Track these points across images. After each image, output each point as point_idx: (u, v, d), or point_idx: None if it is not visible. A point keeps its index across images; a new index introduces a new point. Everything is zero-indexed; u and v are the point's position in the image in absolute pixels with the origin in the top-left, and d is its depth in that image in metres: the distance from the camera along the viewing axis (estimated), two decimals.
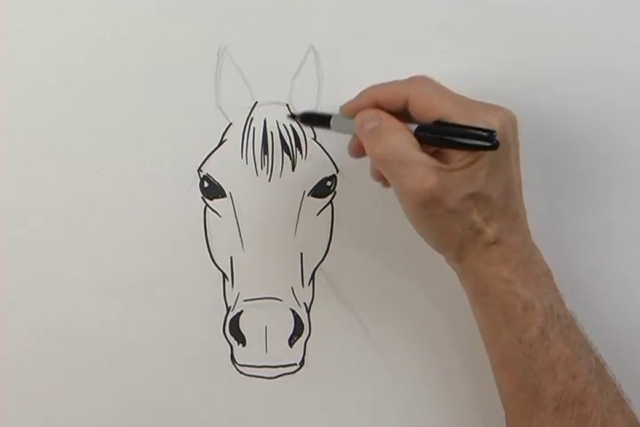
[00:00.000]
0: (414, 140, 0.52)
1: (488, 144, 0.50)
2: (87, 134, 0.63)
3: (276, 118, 0.63)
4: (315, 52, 0.63)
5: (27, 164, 0.63)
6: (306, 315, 0.64)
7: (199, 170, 0.63)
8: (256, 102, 0.63)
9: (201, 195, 0.64)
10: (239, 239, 0.64)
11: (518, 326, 0.53)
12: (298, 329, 0.64)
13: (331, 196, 0.64)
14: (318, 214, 0.64)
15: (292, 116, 0.61)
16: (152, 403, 0.65)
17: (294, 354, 0.64)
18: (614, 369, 0.56)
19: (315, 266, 0.64)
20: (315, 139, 0.64)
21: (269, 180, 0.63)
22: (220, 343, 0.64)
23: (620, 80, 0.63)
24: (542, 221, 0.64)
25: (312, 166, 0.64)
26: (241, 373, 0.65)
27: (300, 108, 0.63)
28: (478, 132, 0.51)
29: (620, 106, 0.63)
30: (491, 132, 0.51)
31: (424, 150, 0.52)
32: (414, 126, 0.53)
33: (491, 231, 0.53)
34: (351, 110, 0.56)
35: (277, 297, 0.64)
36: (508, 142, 0.53)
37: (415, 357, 0.65)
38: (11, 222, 0.63)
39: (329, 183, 0.64)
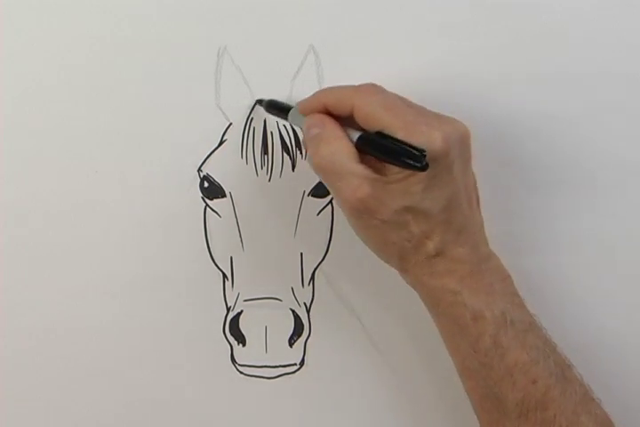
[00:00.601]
0: (353, 150, 0.53)
1: (418, 165, 0.50)
2: (87, 134, 0.63)
3: (277, 119, 0.63)
4: (315, 52, 0.62)
5: (27, 164, 0.63)
6: (306, 315, 0.64)
7: (199, 170, 0.63)
8: (256, 102, 0.63)
9: (201, 195, 0.64)
10: (239, 239, 0.64)
11: (471, 335, 0.54)
12: (298, 329, 0.64)
13: (331, 196, 0.64)
14: (318, 214, 0.64)
15: (259, 102, 0.62)
16: (152, 403, 0.65)
17: (294, 354, 0.64)
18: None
19: (315, 266, 0.64)
20: None
21: (269, 180, 0.63)
22: (220, 343, 0.64)
23: (619, 80, 0.63)
24: (538, 222, 0.64)
25: None
26: (241, 373, 0.65)
27: None
28: (410, 150, 0.50)
29: (619, 106, 0.63)
30: (421, 152, 0.50)
31: (365, 160, 0.53)
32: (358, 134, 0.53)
33: (432, 244, 0.53)
34: (305, 109, 0.57)
35: (277, 297, 0.64)
36: (451, 157, 0.52)
37: (415, 357, 0.65)
38: (11, 222, 0.63)
39: None
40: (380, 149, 0.51)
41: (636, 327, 0.65)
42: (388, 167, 0.52)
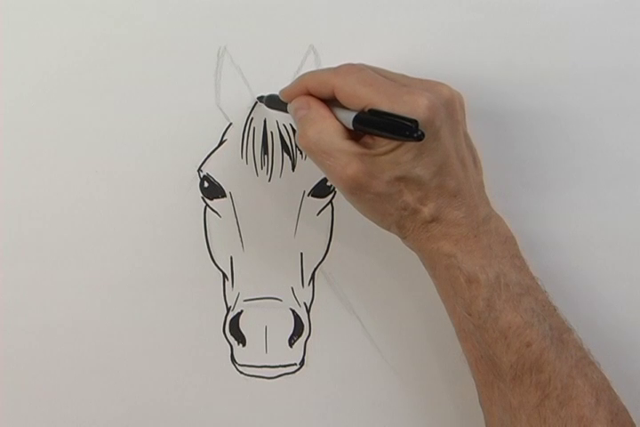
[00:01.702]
0: (340, 128, 0.53)
1: (414, 135, 0.50)
2: (87, 134, 0.63)
3: (276, 118, 0.63)
4: (315, 52, 0.62)
5: (27, 164, 0.63)
6: (306, 315, 0.64)
7: (199, 170, 0.63)
8: (256, 102, 0.63)
9: (201, 195, 0.64)
10: (239, 239, 0.64)
11: (465, 298, 0.54)
12: (298, 329, 0.64)
13: (331, 196, 0.64)
14: (318, 214, 0.64)
15: (260, 98, 0.62)
16: (152, 403, 0.65)
17: (294, 354, 0.64)
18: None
19: (315, 266, 0.64)
20: None
21: (269, 180, 0.63)
22: (220, 343, 0.64)
23: (619, 80, 0.63)
24: (538, 220, 0.64)
25: (312, 166, 0.63)
26: (241, 373, 0.65)
27: None
28: (403, 122, 0.50)
29: (619, 106, 0.63)
30: (414, 122, 0.50)
31: (353, 137, 0.53)
32: (351, 113, 0.53)
33: (427, 210, 0.54)
34: (288, 96, 0.57)
35: (277, 297, 0.64)
36: (437, 123, 0.53)
37: (415, 356, 0.65)
38: (11, 222, 0.63)
39: (329, 183, 0.64)
40: (374, 125, 0.52)
41: (636, 327, 0.65)
42: (377, 141, 0.53)
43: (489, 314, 0.53)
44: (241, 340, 0.64)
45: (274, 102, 0.61)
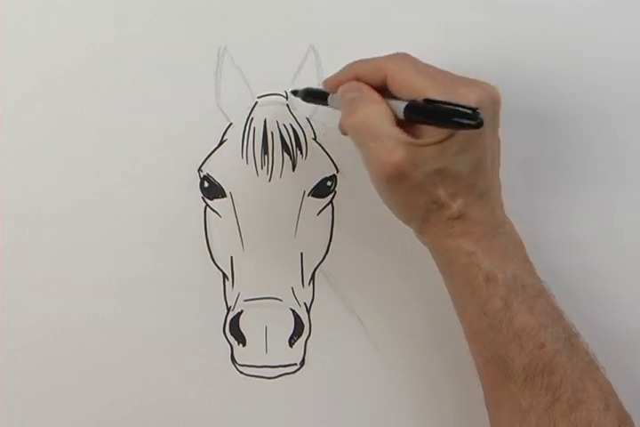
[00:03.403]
0: (390, 113, 0.53)
1: (473, 123, 0.50)
2: (87, 135, 0.63)
3: (277, 118, 0.63)
4: (315, 52, 0.63)
5: (27, 164, 0.63)
6: (306, 315, 0.64)
7: (199, 170, 0.63)
8: (256, 102, 0.63)
9: (201, 195, 0.64)
10: (239, 239, 0.64)
11: (481, 297, 0.54)
12: (298, 329, 0.64)
13: (331, 196, 0.64)
14: (318, 214, 0.64)
15: (295, 93, 0.61)
16: (152, 403, 0.65)
17: (294, 354, 0.64)
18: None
19: (315, 266, 0.64)
20: (315, 139, 0.64)
21: (269, 180, 0.63)
22: (220, 343, 0.64)
23: (621, 80, 0.63)
24: (540, 220, 0.64)
25: (312, 166, 0.64)
26: (241, 373, 0.65)
27: (299, 108, 0.63)
28: (463, 110, 0.50)
29: (620, 106, 0.63)
30: (474, 110, 0.50)
31: (400, 126, 0.53)
32: (401, 103, 0.53)
33: (455, 206, 0.54)
34: (334, 84, 0.56)
35: (277, 297, 0.64)
36: (485, 120, 0.52)
37: (415, 356, 0.65)
38: (11, 223, 0.63)
39: (329, 183, 0.64)
40: (428, 114, 0.51)
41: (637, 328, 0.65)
42: (423, 131, 0.52)
43: (505, 314, 0.53)
44: (241, 340, 0.64)
45: (311, 95, 0.60)
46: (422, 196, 0.53)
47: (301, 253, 0.64)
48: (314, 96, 0.59)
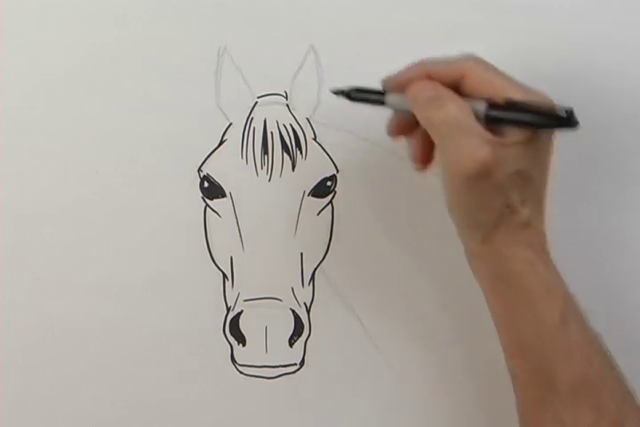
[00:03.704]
0: (472, 112, 0.52)
1: (571, 123, 0.49)
2: (87, 135, 0.63)
3: (276, 118, 0.63)
4: (315, 52, 0.63)
5: (27, 164, 0.63)
6: (306, 315, 0.64)
7: (199, 170, 0.63)
8: (256, 102, 0.63)
9: (201, 195, 0.64)
10: (239, 239, 0.64)
11: (539, 308, 0.53)
12: (298, 329, 0.64)
13: (331, 196, 0.64)
14: (318, 214, 0.64)
15: (340, 92, 0.56)
16: (152, 403, 0.65)
17: (294, 354, 0.64)
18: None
19: (315, 266, 0.64)
20: (315, 139, 0.64)
21: (269, 180, 0.63)
22: (220, 343, 0.64)
23: (621, 80, 0.63)
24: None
25: (312, 166, 0.64)
26: (241, 373, 0.65)
27: (299, 108, 0.63)
28: (556, 112, 0.50)
29: (619, 106, 0.63)
30: (570, 111, 0.50)
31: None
32: (476, 102, 0.52)
33: (525, 213, 0.53)
34: (401, 83, 0.54)
35: (277, 297, 0.64)
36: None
37: (415, 356, 0.65)
38: (11, 223, 0.63)
39: (329, 183, 0.64)
40: (517, 112, 0.51)
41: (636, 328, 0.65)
42: (505, 131, 0.51)
43: (561, 327, 0.52)
44: (241, 340, 0.64)
45: (363, 94, 0.56)
46: (499, 197, 0.52)
47: (301, 253, 0.64)
48: (364, 95, 0.56)
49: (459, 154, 0.51)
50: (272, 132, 0.63)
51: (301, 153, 0.63)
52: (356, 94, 0.56)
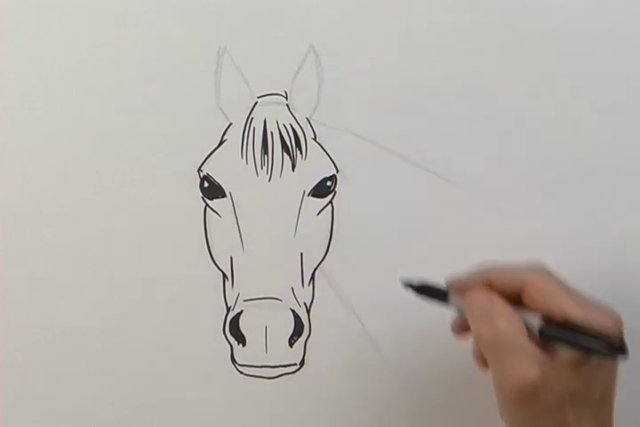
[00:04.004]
0: (524, 327, 0.51)
1: (616, 354, 0.48)
2: (87, 135, 0.63)
3: (276, 118, 0.63)
4: (315, 52, 0.63)
5: (27, 164, 0.63)
6: (306, 315, 0.64)
7: (199, 170, 0.63)
8: (256, 102, 0.63)
9: (201, 195, 0.64)
10: (239, 239, 0.64)
11: None
12: (298, 329, 0.64)
13: (331, 196, 0.64)
14: (318, 214, 0.64)
15: (407, 285, 0.57)
16: (152, 403, 0.65)
17: (294, 354, 0.64)
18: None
19: (315, 266, 0.64)
20: (315, 139, 0.64)
21: (269, 180, 0.63)
22: (220, 343, 0.64)
23: (620, 81, 0.63)
24: (538, 220, 0.64)
25: (312, 166, 0.64)
26: (241, 373, 0.65)
27: (299, 108, 0.63)
28: (605, 340, 0.48)
29: (619, 106, 0.63)
30: (620, 341, 0.48)
31: (530, 338, 0.51)
32: (533, 316, 0.51)
33: None
34: (461, 287, 0.54)
35: (277, 297, 0.64)
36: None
37: (415, 356, 0.65)
38: (11, 223, 0.63)
39: (329, 183, 0.64)
40: (573, 336, 0.49)
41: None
42: (558, 348, 0.50)
43: None
44: (241, 340, 0.64)
45: (427, 291, 0.56)
46: (551, 416, 0.50)
47: (301, 253, 0.64)
48: (430, 291, 0.56)
49: (505, 372, 0.50)
50: (272, 132, 0.63)
51: (301, 153, 0.63)
52: (421, 289, 0.56)
